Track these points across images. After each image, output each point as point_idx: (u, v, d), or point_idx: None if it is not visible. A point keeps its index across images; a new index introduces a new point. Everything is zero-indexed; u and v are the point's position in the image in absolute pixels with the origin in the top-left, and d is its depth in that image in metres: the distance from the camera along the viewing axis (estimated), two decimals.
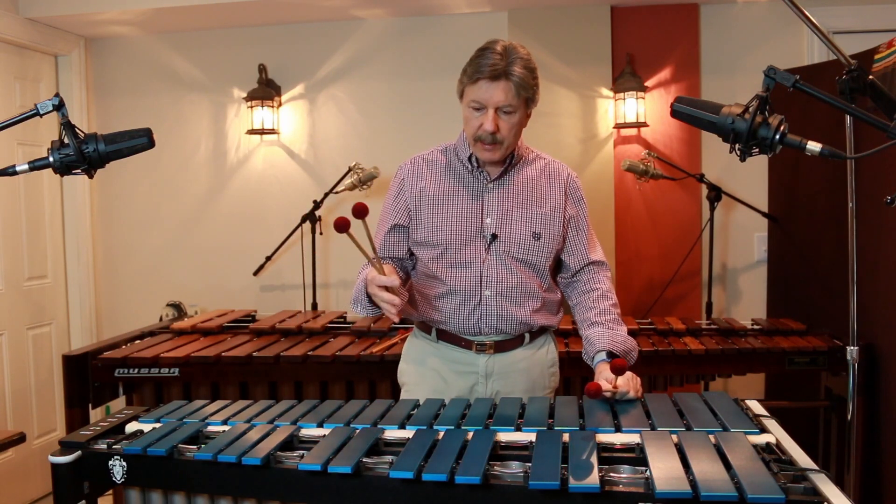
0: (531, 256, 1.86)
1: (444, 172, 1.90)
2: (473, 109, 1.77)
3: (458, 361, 1.91)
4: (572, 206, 1.93)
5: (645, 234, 3.61)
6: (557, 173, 1.93)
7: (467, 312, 1.86)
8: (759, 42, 3.52)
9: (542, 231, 1.87)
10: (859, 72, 1.66)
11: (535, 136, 3.54)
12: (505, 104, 1.74)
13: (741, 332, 2.83)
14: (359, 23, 3.72)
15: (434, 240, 1.86)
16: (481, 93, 1.74)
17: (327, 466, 1.31)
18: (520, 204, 1.87)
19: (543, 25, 3.56)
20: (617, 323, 1.86)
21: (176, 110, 3.88)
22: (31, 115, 1.45)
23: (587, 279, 1.93)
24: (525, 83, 1.74)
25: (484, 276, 1.85)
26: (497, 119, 1.75)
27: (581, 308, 1.92)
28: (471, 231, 1.86)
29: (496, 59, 1.71)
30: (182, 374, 2.58)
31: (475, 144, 1.81)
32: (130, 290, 3.96)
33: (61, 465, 1.45)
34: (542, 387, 1.95)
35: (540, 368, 1.95)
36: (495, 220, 1.86)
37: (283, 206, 3.79)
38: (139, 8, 3.39)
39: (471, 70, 1.75)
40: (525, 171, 1.90)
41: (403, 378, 2.01)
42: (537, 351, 1.95)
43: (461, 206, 1.86)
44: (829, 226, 2.95)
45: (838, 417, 2.79)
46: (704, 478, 1.18)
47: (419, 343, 1.99)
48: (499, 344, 1.89)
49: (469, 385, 1.90)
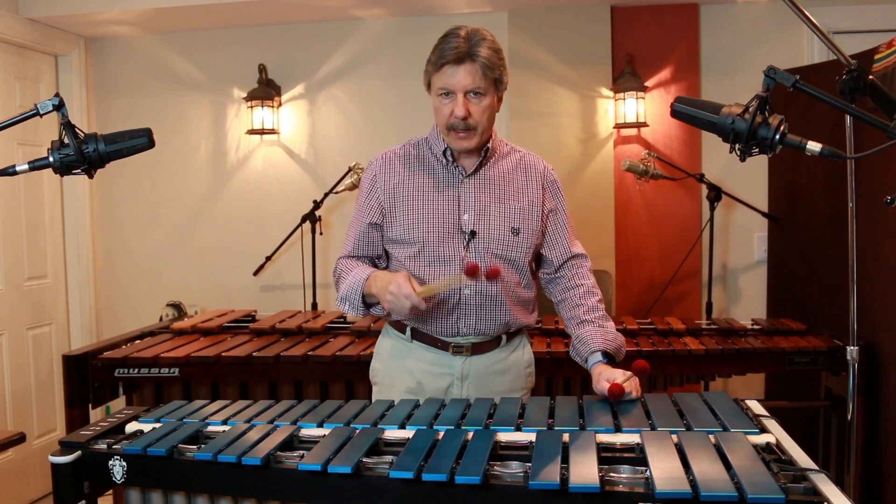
0: (511, 252, 1.83)
1: (418, 168, 1.85)
2: (442, 97, 1.74)
3: (433, 363, 1.86)
4: (550, 199, 1.89)
5: (645, 234, 3.61)
6: (533, 166, 1.89)
7: (445, 312, 1.82)
8: (759, 42, 3.52)
9: (520, 226, 1.83)
10: (859, 72, 1.66)
11: (536, 136, 3.54)
12: (473, 87, 1.70)
13: (741, 332, 2.83)
14: (359, 23, 3.72)
15: (410, 238, 1.82)
16: (447, 78, 1.71)
17: (327, 466, 1.31)
18: (497, 199, 1.83)
19: (543, 25, 3.56)
20: (606, 319, 1.84)
21: (176, 110, 3.88)
22: (31, 115, 1.45)
23: (571, 275, 1.90)
24: (491, 63, 1.70)
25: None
26: (467, 103, 1.71)
27: (567, 305, 1.88)
28: (448, 228, 1.81)
29: (459, 43, 1.69)
30: (182, 374, 2.58)
31: (448, 135, 1.77)
32: (130, 290, 3.96)
33: (61, 465, 1.45)
34: (519, 388, 1.92)
35: (517, 370, 1.92)
36: (472, 216, 1.81)
37: (283, 206, 3.79)
38: (139, 8, 3.39)
39: (434, 57, 1.72)
40: (501, 164, 1.87)
41: (375, 378, 1.96)
42: (513, 352, 1.92)
43: (437, 203, 1.82)
44: (829, 226, 2.95)
45: (838, 417, 2.79)
46: (704, 478, 1.18)
47: (392, 342, 1.93)
48: (476, 346, 1.85)
49: (444, 386, 1.86)
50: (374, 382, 1.97)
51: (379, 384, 1.95)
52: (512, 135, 3.53)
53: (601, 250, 3.51)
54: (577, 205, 3.56)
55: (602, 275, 3.38)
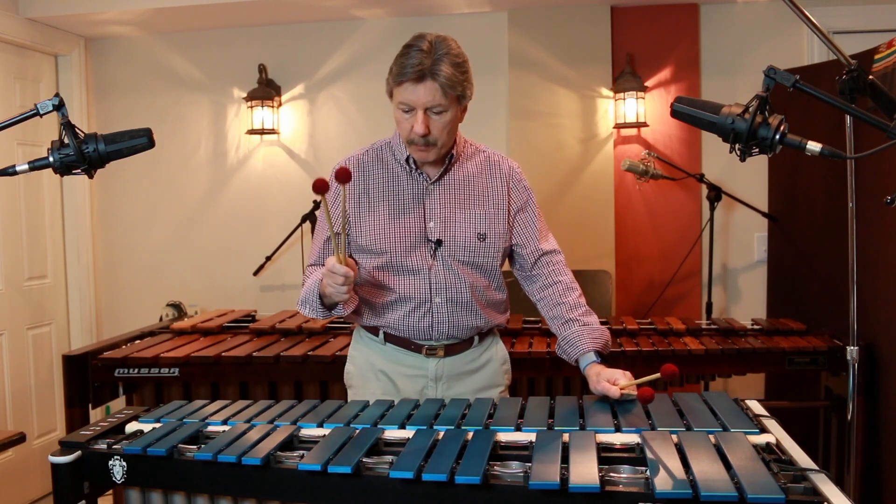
0: (478, 258, 1.82)
1: (382, 174, 1.84)
2: (403, 112, 1.71)
3: (406, 365, 1.86)
4: (516, 197, 1.87)
5: (645, 234, 3.61)
6: (497, 165, 1.87)
7: (417, 319, 1.81)
8: (759, 42, 3.52)
9: (486, 231, 1.82)
10: (859, 72, 1.66)
11: (535, 136, 3.54)
12: (433, 104, 1.67)
13: (741, 332, 2.83)
14: (359, 23, 3.72)
15: (377, 247, 1.81)
16: (407, 94, 1.67)
17: (327, 466, 1.31)
18: (462, 205, 1.82)
19: (543, 25, 3.56)
20: (588, 314, 1.84)
21: (176, 110, 3.88)
22: (31, 115, 1.45)
23: (547, 272, 1.88)
24: (452, 81, 1.65)
25: (433, 283, 1.80)
26: (427, 120, 1.68)
27: (548, 303, 1.87)
28: (414, 237, 1.80)
29: (421, 58, 1.63)
30: (182, 374, 2.58)
31: (409, 147, 1.76)
32: (130, 290, 3.96)
33: (61, 465, 1.45)
34: (495, 384, 1.92)
35: (492, 368, 1.92)
36: (438, 224, 1.80)
37: (283, 206, 3.78)
38: (139, 8, 3.39)
39: (396, 70, 1.67)
40: (465, 167, 1.85)
41: (350, 381, 1.95)
42: (486, 351, 1.92)
43: (402, 212, 1.80)
44: (829, 226, 2.95)
45: (838, 417, 2.79)
46: (704, 478, 1.18)
47: (365, 345, 1.92)
48: (448, 347, 1.85)
49: (418, 388, 1.86)
50: (348, 385, 1.97)
51: (354, 387, 1.94)
52: (512, 135, 3.53)
53: (601, 250, 3.51)
54: (577, 205, 3.56)
55: (602, 275, 3.39)
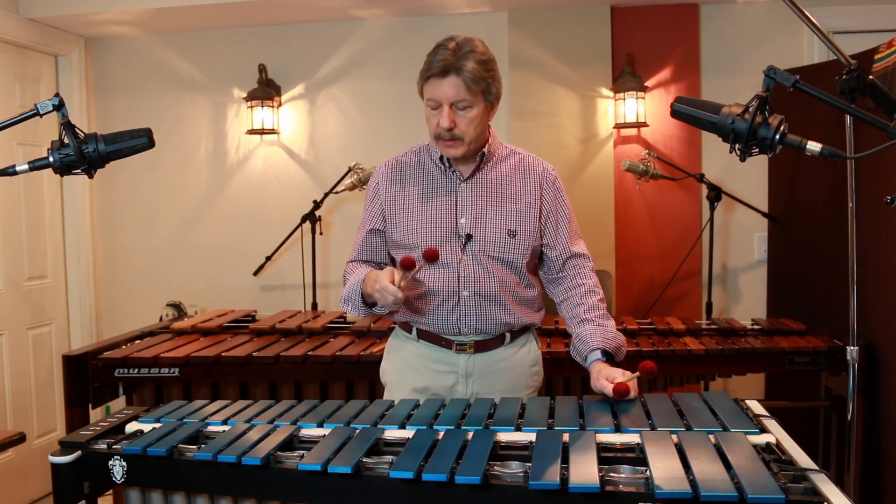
0: (507, 254, 1.86)
1: (418, 174, 1.91)
2: (431, 108, 1.78)
3: (438, 361, 1.90)
4: (549, 199, 1.91)
5: (645, 234, 3.61)
6: (532, 168, 1.91)
7: (446, 312, 1.86)
8: (759, 42, 3.52)
9: (517, 228, 1.86)
10: (859, 72, 1.66)
11: (535, 136, 3.54)
12: (457, 99, 1.74)
13: (741, 332, 2.83)
14: (359, 23, 3.72)
15: (410, 242, 1.87)
16: (433, 89, 1.75)
17: (327, 466, 1.31)
18: (493, 202, 1.86)
19: (543, 25, 3.56)
20: (606, 318, 1.85)
21: (176, 110, 3.88)
22: (31, 115, 1.45)
23: (572, 275, 1.91)
24: (476, 76, 1.72)
25: (461, 276, 1.84)
26: (452, 115, 1.75)
27: (568, 305, 1.90)
28: (445, 232, 1.86)
29: (446, 55, 1.72)
30: (182, 374, 2.58)
31: (438, 142, 1.81)
32: (130, 290, 3.96)
33: (61, 465, 1.45)
34: (524, 386, 1.94)
35: (521, 368, 1.94)
36: (469, 220, 1.85)
37: (283, 206, 3.79)
38: (139, 8, 3.39)
39: (424, 68, 1.76)
40: (498, 167, 1.90)
41: (385, 377, 2.01)
42: (518, 350, 1.94)
43: (435, 207, 1.87)
44: (829, 226, 2.95)
45: (838, 417, 2.79)
46: (704, 478, 1.18)
47: (400, 342, 1.99)
48: (479, 344, 1.88)
49: (449, 385, 1.89)
50: (384, 382, 2.02)
51: (389, 383, 1.99)
52: (512, 135, 3.53)
53: (601, 250, 3.50)
54: (577, 205, 3.53)
55: (602, 275, 3.39)
